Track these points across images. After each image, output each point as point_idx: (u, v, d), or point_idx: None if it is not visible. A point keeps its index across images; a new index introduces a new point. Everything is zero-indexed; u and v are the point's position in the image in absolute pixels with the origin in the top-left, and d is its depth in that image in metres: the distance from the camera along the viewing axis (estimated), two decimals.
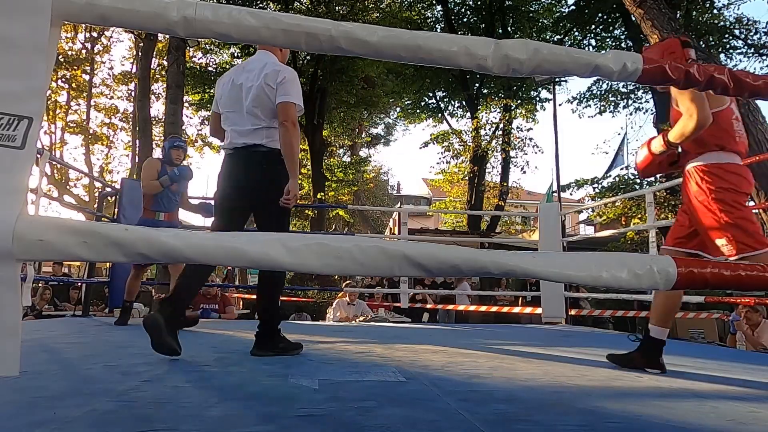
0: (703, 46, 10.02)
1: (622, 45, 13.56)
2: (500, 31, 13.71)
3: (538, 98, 15.44)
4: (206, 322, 5.12)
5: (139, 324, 4.03)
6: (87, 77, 16.43)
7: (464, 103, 15.23)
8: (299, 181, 2.73)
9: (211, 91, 14.60)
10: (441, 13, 14.42)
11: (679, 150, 2.16)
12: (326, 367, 2.06)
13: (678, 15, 9.75)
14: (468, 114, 14.89)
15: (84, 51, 16.10)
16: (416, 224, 15.45)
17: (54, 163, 10.40)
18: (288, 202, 2.35)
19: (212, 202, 2.78)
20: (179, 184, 3.95)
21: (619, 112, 14.63)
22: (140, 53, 13.27)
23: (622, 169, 12.10)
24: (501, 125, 13.94)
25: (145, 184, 3.83)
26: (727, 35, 11.94)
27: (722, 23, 11.76)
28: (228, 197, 2.44)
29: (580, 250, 4.15)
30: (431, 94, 15.98)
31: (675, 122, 2.07)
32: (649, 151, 2.22)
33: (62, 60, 14.60)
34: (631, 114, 14.45)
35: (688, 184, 2.09)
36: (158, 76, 15.02)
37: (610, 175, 12.32)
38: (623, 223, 10.64)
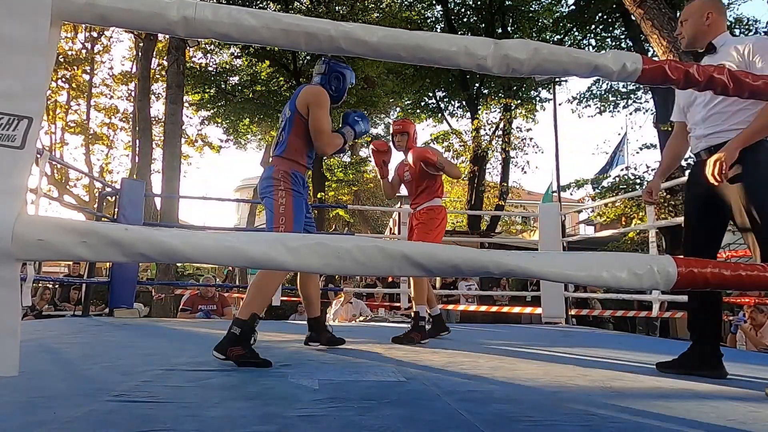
0: None
1: (622, 45, 13.54)
2: (500, 31, 13.70)
3: (538, 98, 15.43)
4: (206, 322, 5.12)
5: (139, 324, 4.05)
6: (87, 77, 16.41)
7: (464, 103, 15.22)
8: None
9: (211, 91, 14.61)
10: (441, 13, 14.41)
11: None
12: (326, 367, 2.06)
13: (678, 15, 9.74)
14: (468, 114, 14.88)
15: (84, 51, 16.08)
16: None
17: (54, 163, 10.40)
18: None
19: None
20: None
21: (618, 112, 14.63)
22: (140, 53, 13.25)
23: (622, 169, 12.10)
24: (501, 125, 13.93)
25: (328, 136, 2.45)
26: None
27: None
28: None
29: (580, 250, 4.15)
30: (431, 94, 15.96)
31: None
32: None
33: (62, 60, 14.58)
34: (631, 114, 14.45)
35: None
36: (158, 76, 15.00)
37: (609, 175, 12.31)
38: (623, 223, 10.63)
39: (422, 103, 16.44)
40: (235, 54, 14.22)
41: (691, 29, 2.18)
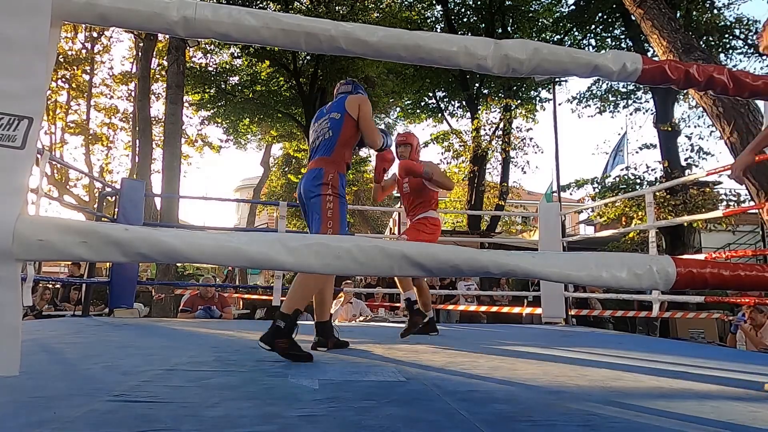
0: (703, 46, 10.02)
1: (622, 45, 13.55)
2: (500, 31, 13.71)
3: (538, 98, 15.44)
4: (206, 322, 5.12)
5: (139, 324, 4.05)
6: (87, 77, 16.41)
7: (464, 103, 15.23)
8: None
9: (211, 91, 14.61)
10: (441, 13, 14.42)
11: None
12: (326, 367, 2.06)
13: (678, 15, 9.75)
14: (468, 114, 14.88)
15: (84, 51, 16.07)
16: None
17: (54, 163, 10.40)
18: None
19: None
20: None
21: (618, 112, 14.63)
22: (140, 53, 13.25)
23: (622, 169, 12.11)
24: (501, 125, 13.93)
25: (378, 136, 2.68)
26: (727, 35, 11.94)
27: (722, 23, 11.76)
28: None
29: (580, 250, 4.15)
30: (431, 94, 15.97)
31: None
32: None
33: (62, 60, 14.57)
34: (631, 114, 14.45)
35: None
36: (158, 76, 14.99)
37: (609, 175, 12.32)
38: (623, 223, 10.64)
39: (422, 103, 16.44)
40: (235, 54, 14.21)
41: None
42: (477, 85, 14.55)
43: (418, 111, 16.66)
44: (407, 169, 3.50)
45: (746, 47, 12.18)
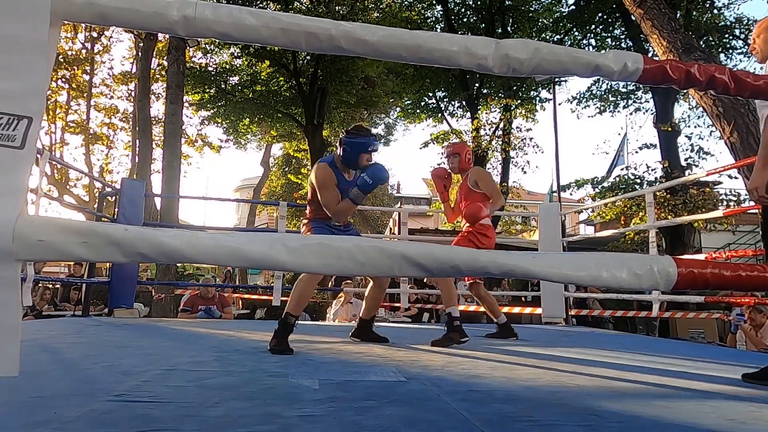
0: (703, 46, 10.01)
1: (622, 45, 13.55)
2: (500, 31, 13.70)
3: (538, 98, 15.43)
4: (206, 322, 5.12)
5: (139, 324, 4.05)
6: (87, 77, 16.41)
7: (464, 103, 15.21)
8: (299, 182, 2.78)
9: (211, 91, 14.61)
10: (441, 13, 14.40)
11: None
12: (326, 367, 2.06)
13: (678, 15, 9.74)
14: (468, 114, 14.86)
15: (84, 51, 16.07)
16: (416, 224, 15.41)
17: (54, 163, 10.40)
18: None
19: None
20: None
21: (619, 112, 14.61)
22: (140, 53, 13.25)
23: (622, 169, 12.11)
24: (501, 125, 13.92)
25: (333, 209, 2.72)
26: (727, 35, 11.94)
27: (722, 23, 11.76)
28: None
29: (580, 250, 4.14)
30: (431, 94, 15.95)
31: None
32: None
33: (62, 60, 14.57)
34: (631, 114, 14.42)
35: None
36: (158, 76, 14.99)
37: (610, 174, 12.33)
38: (623, 222, 10.63)
39: (422, 103, 16.43)
40: (235, 54, 14.20)
41: (765, 44, 2.06)
42: (477, 85, 14.53)
43: (418, 111, 16.65)
44: (472, 215, 3.47)
45: (746, 47, 12.17)
